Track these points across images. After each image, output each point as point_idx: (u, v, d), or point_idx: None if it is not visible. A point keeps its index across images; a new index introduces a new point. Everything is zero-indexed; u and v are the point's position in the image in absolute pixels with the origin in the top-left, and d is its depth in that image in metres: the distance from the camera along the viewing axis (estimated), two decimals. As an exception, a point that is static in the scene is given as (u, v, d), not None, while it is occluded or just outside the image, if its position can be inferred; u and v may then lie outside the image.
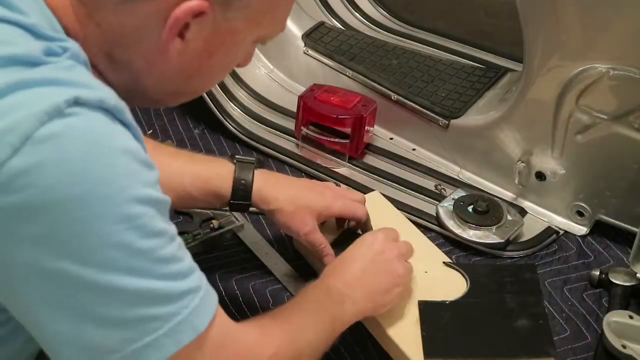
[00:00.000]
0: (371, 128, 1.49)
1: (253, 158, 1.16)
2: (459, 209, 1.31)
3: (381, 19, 1.78)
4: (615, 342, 1.06)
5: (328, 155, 1.47)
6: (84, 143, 0.67)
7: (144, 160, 0.72)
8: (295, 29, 1.65)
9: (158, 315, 0.72)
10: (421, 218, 1.34)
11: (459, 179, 1.44)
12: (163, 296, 0.72)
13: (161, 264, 0.72)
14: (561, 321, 1.18)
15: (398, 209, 1.32)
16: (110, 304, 0.70)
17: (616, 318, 1.10)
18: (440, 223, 1.32)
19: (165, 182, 0.75)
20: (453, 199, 1.34)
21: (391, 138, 1.54)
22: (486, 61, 1.60)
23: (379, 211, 1.28)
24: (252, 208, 1.16)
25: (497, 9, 1.92)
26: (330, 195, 1.17)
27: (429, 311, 1.11)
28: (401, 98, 1.50)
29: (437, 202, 1.35)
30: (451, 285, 1.17)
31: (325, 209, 1.15)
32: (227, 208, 1.16)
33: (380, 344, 1.13)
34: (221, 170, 1.13)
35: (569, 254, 1.30)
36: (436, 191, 1.41)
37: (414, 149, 1.51)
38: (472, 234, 1.29)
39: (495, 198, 1.35)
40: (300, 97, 1.49)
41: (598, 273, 1.23)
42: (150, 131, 1.55)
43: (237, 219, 1.33)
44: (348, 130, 1.44)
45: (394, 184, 1.43)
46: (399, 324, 1.10)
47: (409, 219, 1.31)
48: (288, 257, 1.27)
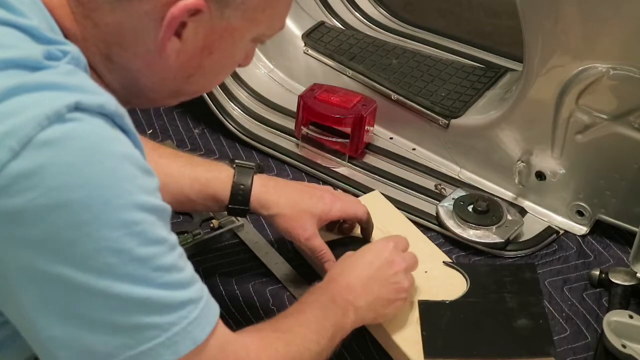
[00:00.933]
0: (371, 128, 1.49)
1: (253, 163, 1.15)
2: (459, 209, 1.31)
3: (381, 19, 1.78)
4: (615, 342, 1.06)
5: (328, 155, 1.47)
6: (84, 148, 0.67)
7: (144, 167, 0.72)
8: (295, 29, 1.65)
9: (156, 324, 0.71)
10: (421, 218, 1.34)
11: (459, 179, 1.44)
12: (161, 305, 0.71)
13: (161, 272, 0.71)
14: (561, 321, 1.18)
15: (398, 209, 1.32)
16: (107, 310, 0.69)
17: (616, 318, 1.09)
18: (440, 223, 1.32)
19: (163, 185, 0.75)
20: (453, 199, 1.34)
21: (391, 138, 1.54)
22: (486, 61, 1.60)
23: (379, 211, 1.28)
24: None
25: (497, 9, 1.91)
26: (329, 198, 1.16)
27: (429, 311, 1.11)
28: (401, 98, 1.50)
29: (437, 202, 1.35)
30: (451, 285, 1.17)
31: (324, 213, 1.15)
32: (226, 212, 1.15)
33: (380, 344, 1.13)
34: (220, 174, 1.12)
35: (569, 254, 1.30)
36: (436, 191, 1.41)
37: (414, 149, 1.51)
38: (472, 234, 1.29)
39: (495, 198, 1.35)
40: (300, 97, 1.48)
41: (598, 273, 1.23)
42: (150, 131, 1.55)
43: (237, 219, 1.33)
44: (348, 130, 1.44)
45: (394, 184, 1.43)
46: (399, 324, 1.10)
47: (409, 219, 1.31)
48: (288, 257, 1.27)
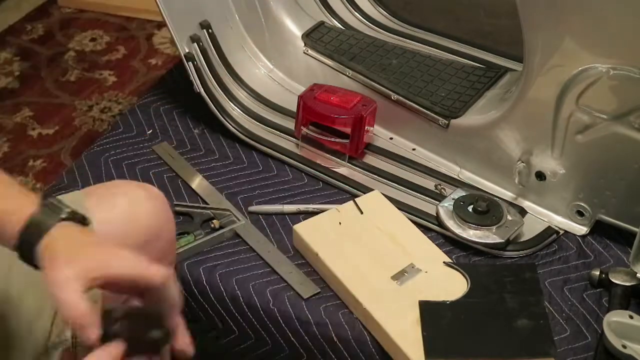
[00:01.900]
0: (371, 128, 1.49)
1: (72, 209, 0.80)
2: (459, 209, 1.31)
3: (381, 19, 1.78)
4: (615, 342, 1.06)
5: (328, 155, 1.47)
6: None
7: None
8: (295, 29, 1.65)
9: None
10: (421, 218, 1.34)
11: (459, 179, 1.44)
12: None
13: None
14: (561, 321, 1.18)
15: (398, 209, 1.32)
16: None
17: (616, 318, 1.10)
18: (440, 223, 1.32)
19: None
20: (453, 199, 1.34)
21: (391, 138, 1.54)
22: (486, 61, 1.60)
23: (379, 211, 1.28)
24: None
25: (497, 9, 1.91)
26: (120, 253, 0.76)
27: (430, 311, 1.11)
28: (401, 98, 1.50)
29: (437, 202, 1.35)
30: (451, 285, 1.17)
31: (99, 267, 0.74)
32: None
33: (380, 344, 1.13)
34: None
35: (569, 254, 1.30)
36: (436, 191, 1.41)
37: (414, 149, 1.51)
38: (472, 234, 1.29)
39: (495, 198, 1.35)
40: (300, 97, 1.48)
41: (598, 273, 1.23)
42: (150, 131, 1.55)
43: (238, 219, 1.33)
44: (348, 130, 1.44)
45: (394, 184, 1.43)
46: (399, 324, 1.10)
47: (409, 219, 1.31)
48: (289, 257, 1.27)
